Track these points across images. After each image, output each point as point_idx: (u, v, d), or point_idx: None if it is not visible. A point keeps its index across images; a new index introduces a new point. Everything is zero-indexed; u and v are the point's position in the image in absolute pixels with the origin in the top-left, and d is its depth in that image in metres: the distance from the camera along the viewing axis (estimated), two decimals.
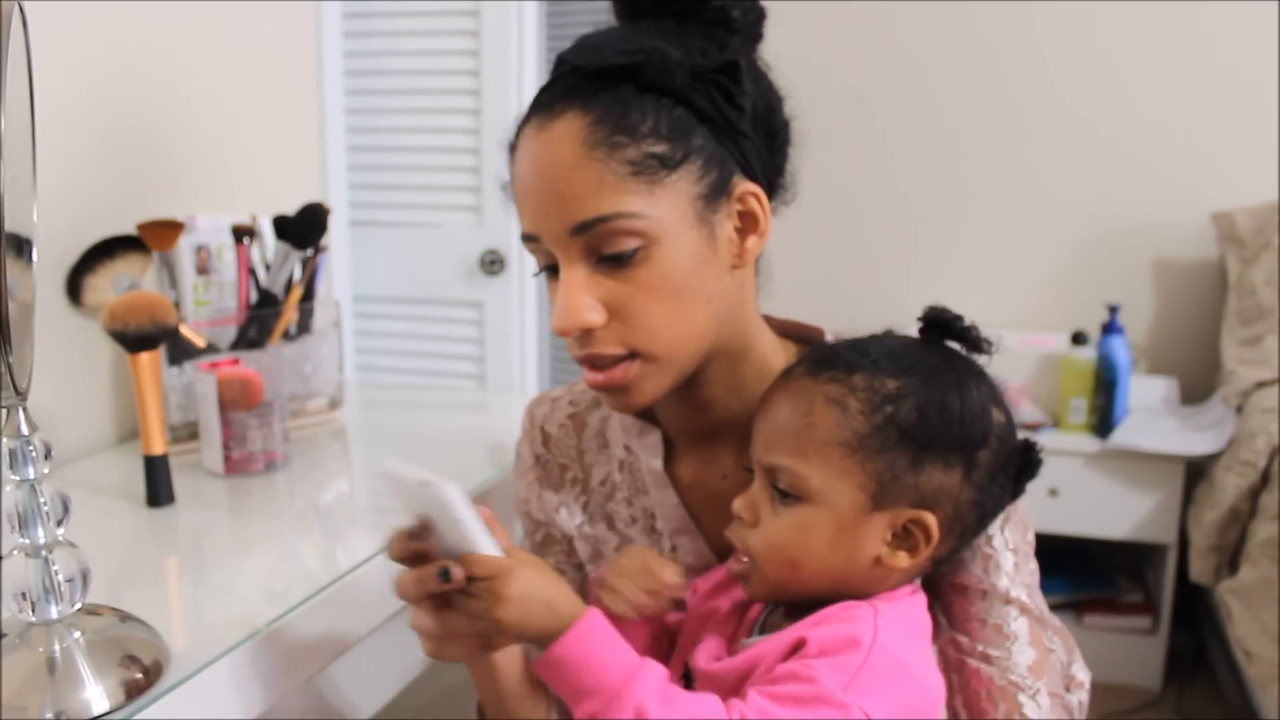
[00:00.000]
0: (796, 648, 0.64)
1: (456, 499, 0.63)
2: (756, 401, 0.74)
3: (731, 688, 0.65)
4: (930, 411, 0.67)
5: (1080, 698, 0.76)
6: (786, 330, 0.85)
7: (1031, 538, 0.80)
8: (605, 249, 0.70)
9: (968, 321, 0.73)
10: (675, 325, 0.72)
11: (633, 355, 0.72)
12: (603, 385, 0.73)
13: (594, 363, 0.73)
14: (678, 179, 0.70)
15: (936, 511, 0.68)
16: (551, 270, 0.73)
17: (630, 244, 0.69)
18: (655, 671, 0.62)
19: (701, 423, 0.80)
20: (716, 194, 0.72)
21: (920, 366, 0.69)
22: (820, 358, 0.71)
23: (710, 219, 0.72)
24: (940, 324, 0.73)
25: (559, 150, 0.69)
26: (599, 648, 0.63)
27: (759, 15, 0.77)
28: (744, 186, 0.73)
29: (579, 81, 0.71)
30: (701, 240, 0.72)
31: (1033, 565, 0.78)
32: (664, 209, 0.69)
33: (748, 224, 0.74)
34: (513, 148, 0.75)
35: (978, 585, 0.75)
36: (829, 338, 0.83)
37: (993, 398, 0.72)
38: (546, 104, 0.71)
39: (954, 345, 0.74)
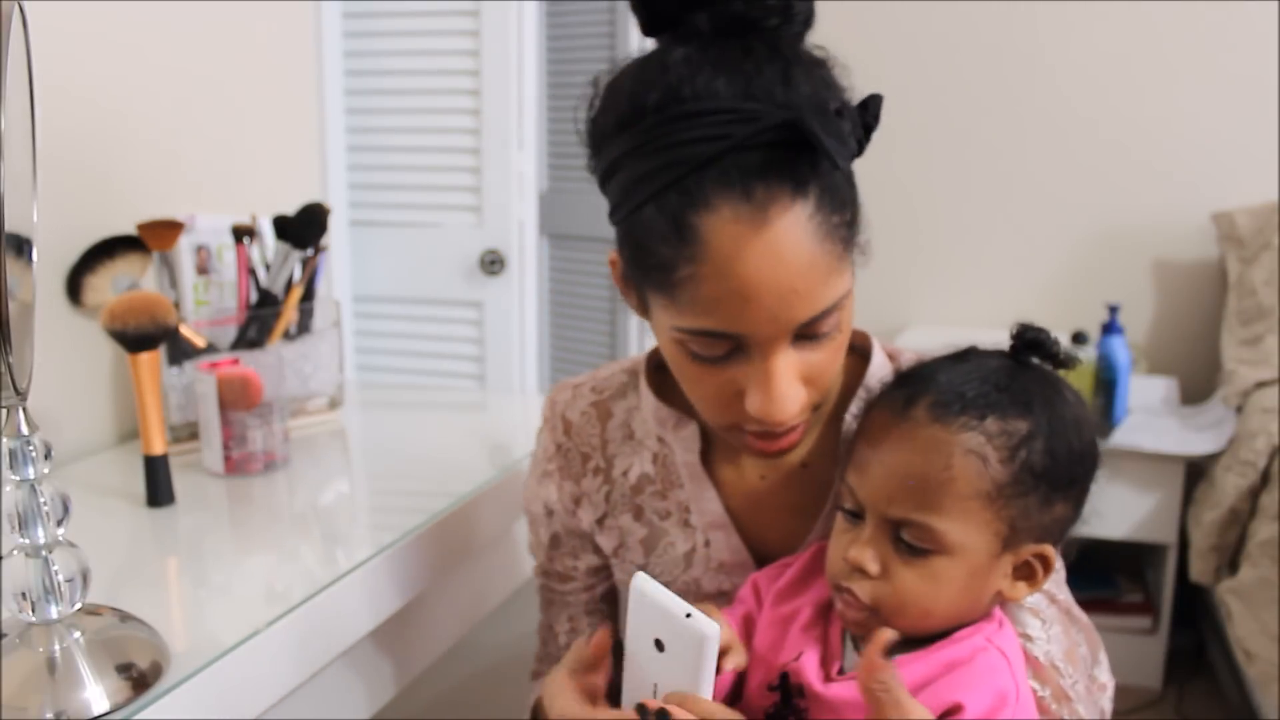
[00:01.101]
0: (950, 711, 0.63)
1: (713, 644, 0.60)
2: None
3: (850, 713, 0.64)
4: (1059, 453, 0.66)
5: (1104, 703, 0.74)
6: None
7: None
8: (814, 330, 0.66)
9: (1055, 339, 0.70)
10: (838, 371, 0.72)
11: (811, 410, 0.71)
12: (785, 448, 0.71)
13: (783, 434, 0.70)
14: (854, 236, 0.67)
15: (1053, 541, 0.68)
16: (716, 356, 0.67)
17: (837, 320, 0.67)
18: None
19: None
20: (855, 232, 0.69)
21: (1038, 400, 0.67)
22: (942, 399, 0.66)
23: (854, 259, 0.69)
24: (1035, 344, 0.70)
25: (785, 250, 0.61)
26: None
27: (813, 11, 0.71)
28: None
29: (773, 154, 0.61)
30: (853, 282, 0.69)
31: (1060, 561, 0.77)
32: (850, 272, 0.67)
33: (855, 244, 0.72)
34: (680, 235, 0.63)
35: None
36: (877, 346, 0.82)
37: (1091, 421, 0.70)
38: (741, 184, 0.61)
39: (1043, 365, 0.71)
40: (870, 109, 0.67)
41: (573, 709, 0.66)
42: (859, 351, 0.82)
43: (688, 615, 0.60)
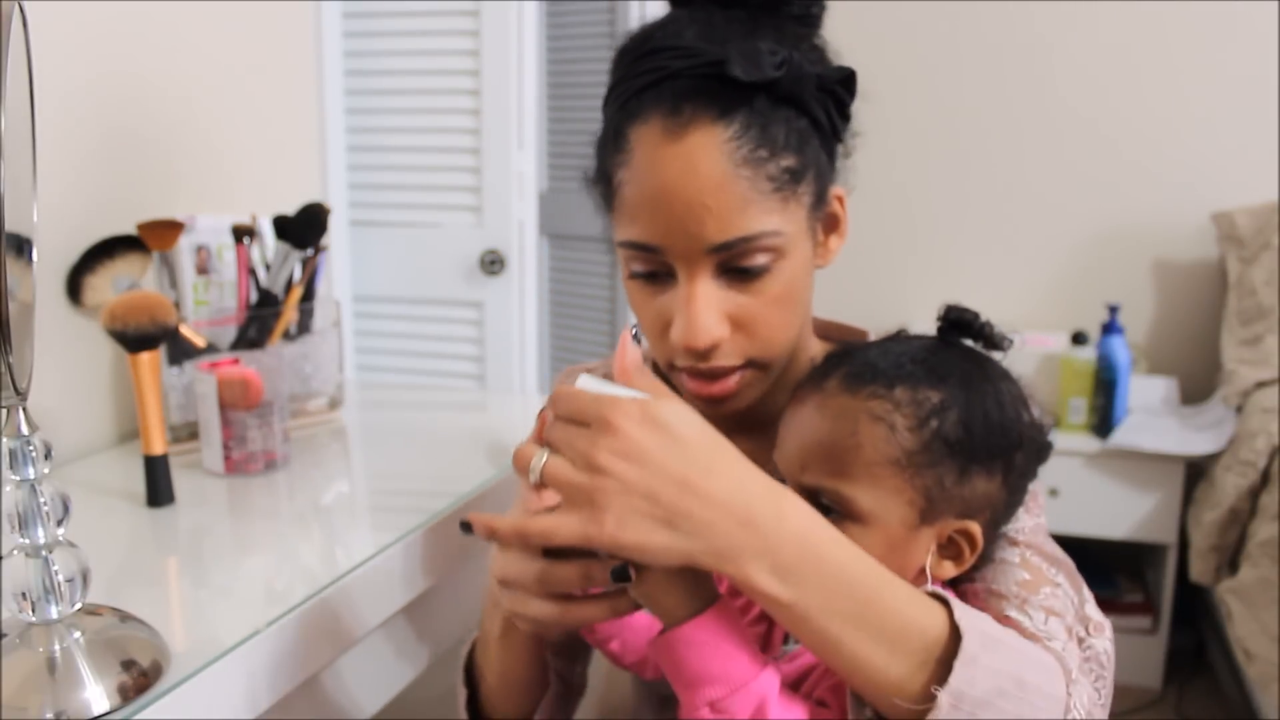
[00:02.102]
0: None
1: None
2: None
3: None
4: (974, 422, 0.66)
5: (1104, 645, 0.70)
6: (828, 332, 0.85)
7: (1041, 499, 0.78)
8: (738, 263, 0.69)
9: (984, 319, 0.72)
10: (786, 332, 0.73)
11: (746, 365, 0.72)
12: (716, 396, 0.73)
13: (710, 375, 0.72)
14: (802, 191, 0.70)
15: (979, 518, 0.67)
16: (652, 276, 0.72)
17: (763, 259, 0.69)
18: (776, 672, 0.61)
19: (745, 414, 0.79)
20: (820, 202, 0.73)
21: (955, 373, 0.68)
22: (855, 370, 0.68)
23: (815, 226, 0.73)
24: (960, 324, 0.71)
25: (703, 164, 0.66)
26: (732, 634, 0.60)
27: (824, 7, 0.76)
28: (833, 190, 0.75)
29: (706, 83, 0.67)
30: (810, 248, 0.73)
31: (1037, 520, 0.76)
32: (792, 223, 0.70)
33: (830, 225, 0.76)
34: (613, 146, 0.71)
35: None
36: (871, 339, 0.82)
37: (1021, 398, 0.71)
38: (669, 104, 0.67)
39: (972, 344, 0.72)
40: (845, 83, 0.71)
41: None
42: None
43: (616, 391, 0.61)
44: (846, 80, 0.72)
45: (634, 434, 0.56)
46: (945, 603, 0.59)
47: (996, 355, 0.73)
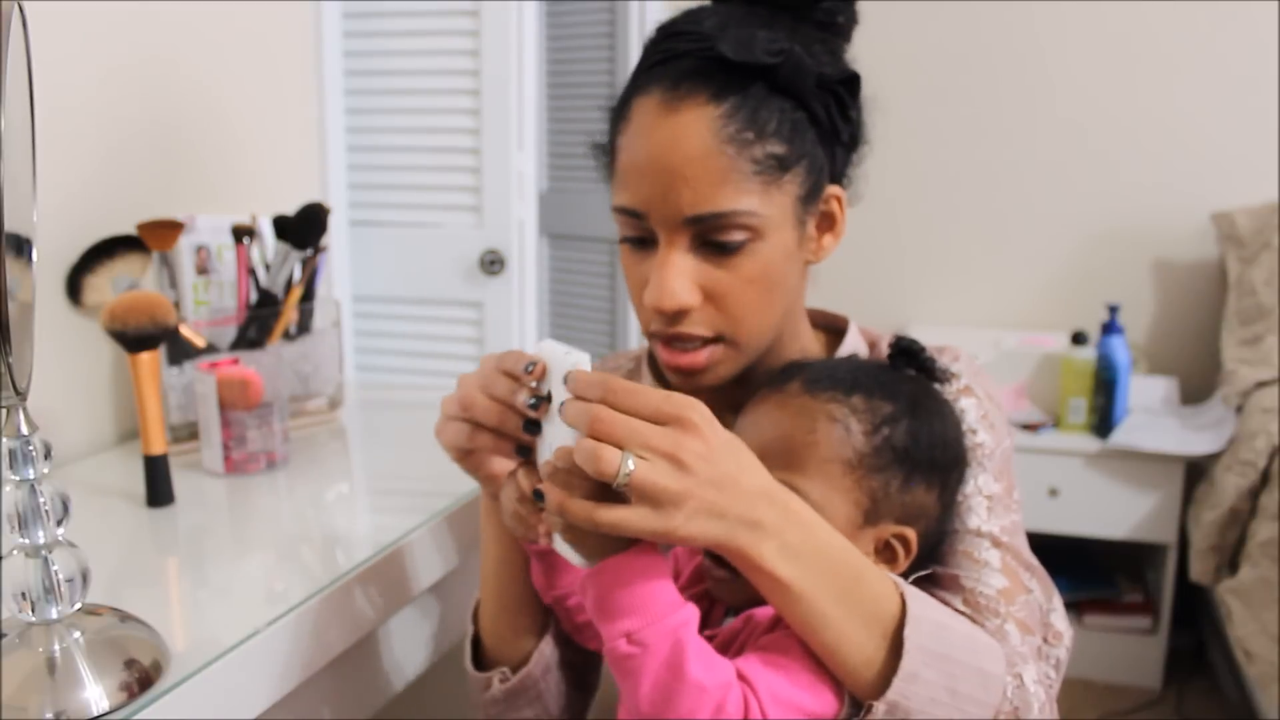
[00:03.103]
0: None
1: (585, 368, 0.64)
2: None
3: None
4: (921, 435, 0.72)
5: (1059, 654, 0.76)
6: (814, 319, 0.88)
7: (1017, 494, 0.81)
8: (713, 237, 0.72)
9: (929, 353, 0.77)
10: (761, 315, 0.75)
11: (717, 340, 0.75)
12: (684, 367, 0.76)
13: (678, 342, 0.75)
14: (789, 180, 0.73)
15: (915, 527, 0.72)
16: (640, 242, 0.75)
17: (739, 236, 0.72)
18: (695, 611, 0.64)
19: (741, 399, 0.80)
20: (813, 197, 0.76)
21: (904, 392, 0.73)
22: (814, 376, 0.73)
23: (804, 219, 0.76)
24: (909, 353, 0.77)
25: (689, 137, 0.70)
26: (653, 572, 0.63)
27: (854, 19, 0.80)
28: (830, 190, 0.77)
29: (707, 66, 0.71)
30: (794, 239, 0.75)
31: (1015, 518, 0.79)
32: (774, 208, 0.72)
33: (826, 224, 0.79)
34: (619, 115, 0.75)
35: (950, 528, 0.77)
36: (853, 327, 0.88)
37: (958, 424, 0.77)
38: (671, 80, 0.72)
39: (916, 374, 0.78)
40: (848, 84, 0.75)
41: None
42: (835, 330, 0.88)
43: (565, 354, 0.64)
44: (849, 81, 0.75)
45: (709, 434, 0.59)
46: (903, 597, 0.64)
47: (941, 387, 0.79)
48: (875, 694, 0.61)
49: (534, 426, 0.66)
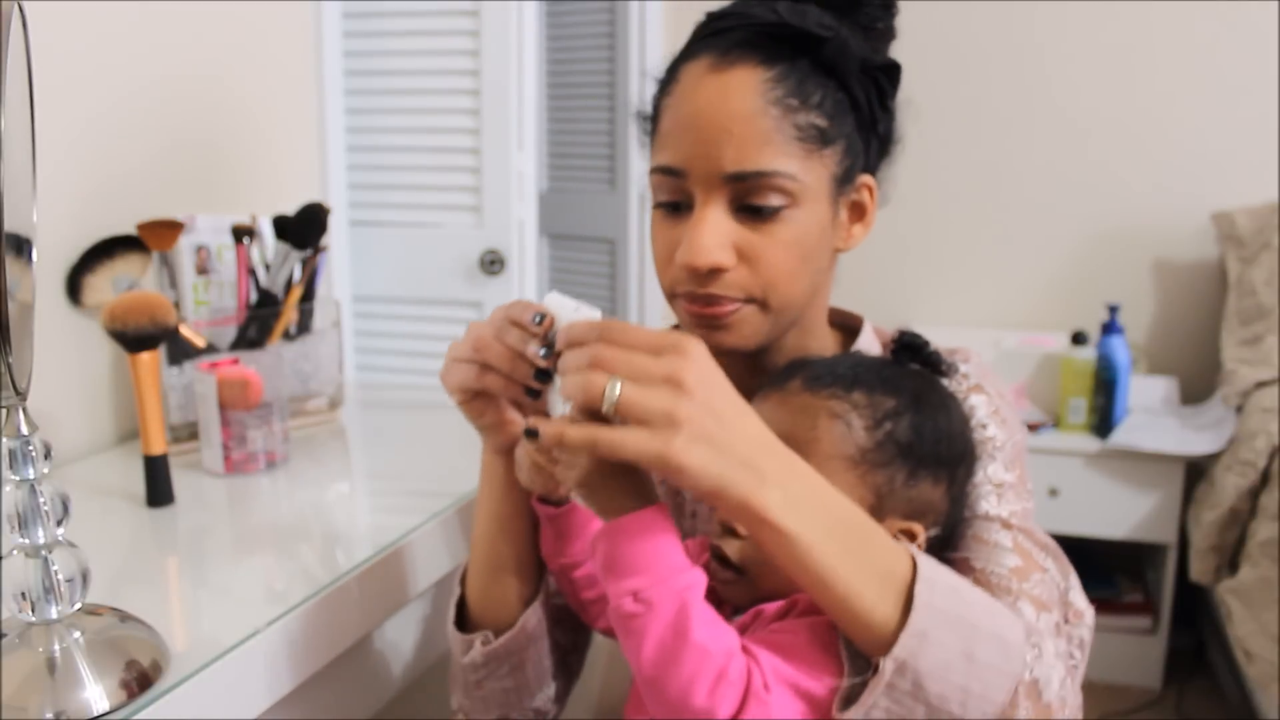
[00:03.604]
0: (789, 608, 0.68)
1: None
2: None
3: None
4: (925, 429, 0.71)
5: (1082, 633, 0.74)
6: (829, 317, 0.88)
7: (1030, 486, 0.80)
8: (751, 199, 0.72)
9: (933, 347, 0.77)
10: (793, 282, 0.75)
11: (746, 300, 0.75)
12: (710, 316, 0.75)
13: (709, 301, 0.75)
14: (828, 155, 0.74)
15: (923, 522, 0.71)
16: (673, 207, 0.75)
17: (776, 200, 0.72)
18: (703, 576, 0.64)
19: (756, 388, 0.80)
20: (847, 179, 0.76)
21: (907, 387, 0.73)
22: (815, 373, 0.73)
23: (837, 200, 0.76)
24: (911, 347, 0.77)
25: (736, 95, 0.71)
26: (665, 533, 0.63)
27: (892, 29, 0.80)
28: (863, 178, 0.78)
29: (758, 37, 0.72)
30: (828, 216, 0.76)
31: (1027, 505, 0.78)
32: (812, 177, 0.73)
33: (856, 213, 0.79)
34: (665, 81, 0.76)
35: (960, 518, 0.77)
36: (868, 326, 0.88)
37: (964, 418, 0.76)
38: (721, 48, 0.73)
39: (920, 368, 0.77)
40: (889, 72, 0.76)
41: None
42: (849, 329, 0.88)
43: (575, 309, 0.64)
44: (890, 70, 0.76)
45: (707, 365, 0.59)
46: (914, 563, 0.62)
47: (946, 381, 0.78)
48: (887, 649, 0.60)
49: (545, 376, 0.66)
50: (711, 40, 0.74)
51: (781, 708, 0.62)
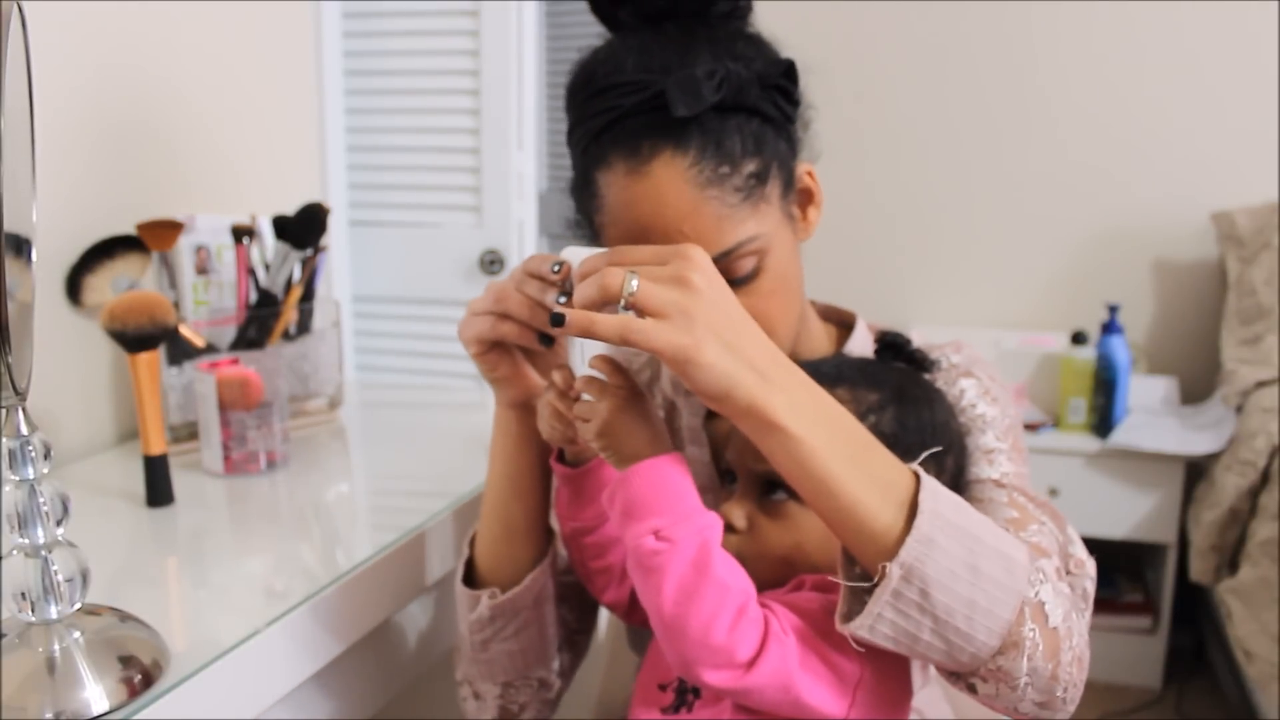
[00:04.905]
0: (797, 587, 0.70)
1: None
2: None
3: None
4: (909, 421, 0.73)
5: (1084, 584, 0.73)
6: (824, 314, 0.90)
7: (1024, 453, 0.81)
8: (728, 275, 0.71)
9: (916, 345, 0.79)
10: (788, 316, 0.78)
11: None
12: None
13: None
14: (770, 187, 0.74)
15: None
16: None
17: (750, 264, 0.73)
18: (720, 520, 0.66)
19: None
20: (790, 187, 0.77)
21: (891, 382, 0.75)
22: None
23: (790, 210, 0.77)
24: (894, 346, 0.79)
25: (671, 196, 0.70)
26: (684, 479, 0.66)
27: (747, 18, 0.79)
28: (800, 169, 0.79)
29: (655, 116, 0.70)
30: (790, 234, 0.77)
31: (1022, 469, 0.79)
32: (768, 222, 0.74)
33: (805, 199, 0.80)
34: (585, 193, 0.75)
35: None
36: (861, 322, 0.89)
37: (949, 410, 0.78)
38: (629, 147, 0.71)
39: (904, 365, 0.79)
40: (787, 74, 0.75)
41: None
42: (844, 325, 0.89)
43: (592, 254, 0.66)
44: (787, 72, 0.75)
45: (709, 268, 0.61)
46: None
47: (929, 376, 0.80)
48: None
49: (560, 319, 0.67)
50: (611, 136, 0.72)
51: (801, 652, 0.63)
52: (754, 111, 0.72)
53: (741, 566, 0.65)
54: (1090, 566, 0.74)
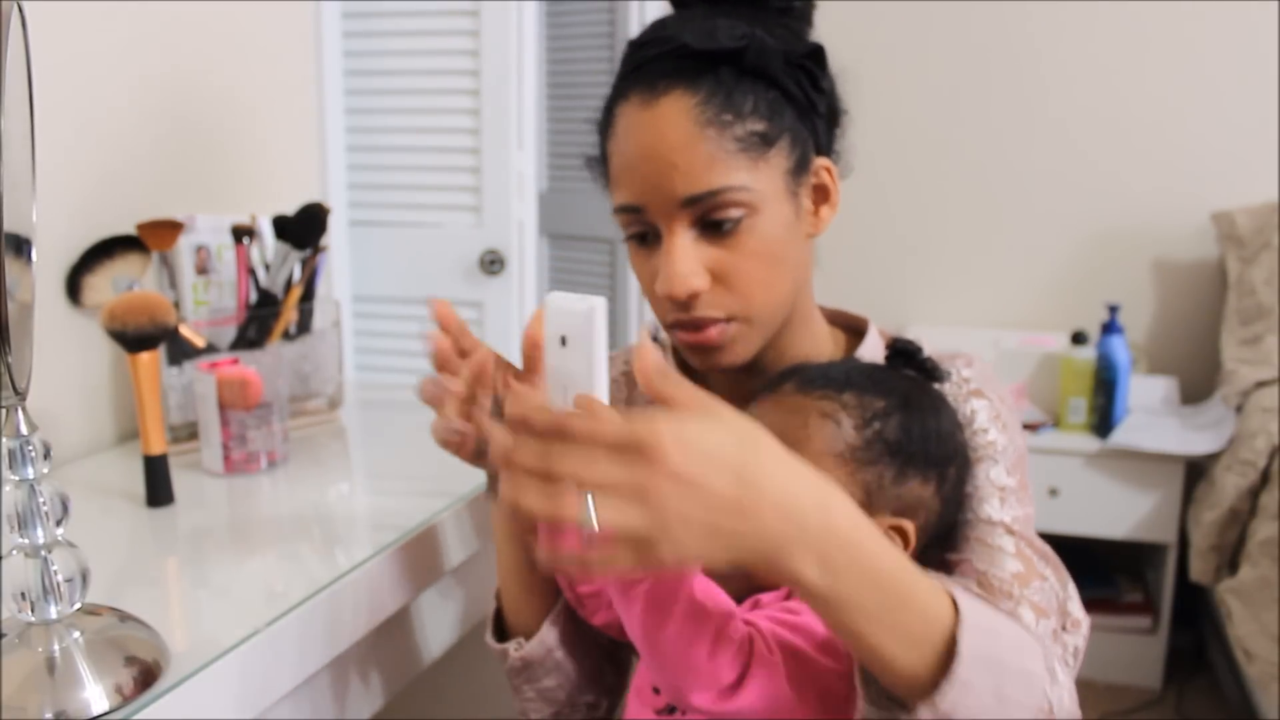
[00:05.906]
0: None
1: (600, 314, 0.61)
2: None
3: None
4: (913, 429, 0.73)
5: (1077, 642, 0.76)
6: (834, 319, 0.90)
7: (1030, 492, 0.81)
8: (711, 216, 0.74)
9: (927, 353, 0.79)
10: (769, 290, 0.77)
11: (729, 319, 0.77)
12: (700, 343, 0.78)
13: (695, 325, 0.77)
14: (774, 155, 0.75)
15: (914, 520, 0.73)
16: (641, 238, 0.78)
17: (735, 213, 0.74)
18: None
19: (751, 386, 0.82)
20: (801, 169, 0.78)
21: (898, 389, 0.75)
22: (809, 376, 0.76)
23: (796, 192, 0.78)
24: (905, 354, 0.79)
25: (671, 127, 0.73)
26: None
27: (804, 4, 0.82)
28: (819, 161, 0.79)
29: (679, 63, 0.74)
30: (790, 212, 0.77)
31: (1029, 510, 0.79)
32: (764, 182, 0.75)
33: (820, 196, 0.81)
34: (605, 125, 0.79)
35: (963, 518, 0.78)
36: (873, 328, 0.89)
37: (955, 421, 0.78)
38: (648, 83, 0.75)
39: (914, 373, 0.79)
40: (814, 57, 0.78)
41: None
42: (855, 331, 0.89)
43: (579, 300, 0.64)
44: (815, 54, 0.77)
45: (678, 460, 0.52)
46: (955, 604, 0.60)
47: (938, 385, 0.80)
48: (920, 694, 0.58)
49: (500, 409, 0.68)
50: (637, 75, 0.76)
51: (792, 668, 0.63)
52: (775, 83, 0.75)
53: (720, 588, 0.64)
54: (1085, 625, 0.76)
